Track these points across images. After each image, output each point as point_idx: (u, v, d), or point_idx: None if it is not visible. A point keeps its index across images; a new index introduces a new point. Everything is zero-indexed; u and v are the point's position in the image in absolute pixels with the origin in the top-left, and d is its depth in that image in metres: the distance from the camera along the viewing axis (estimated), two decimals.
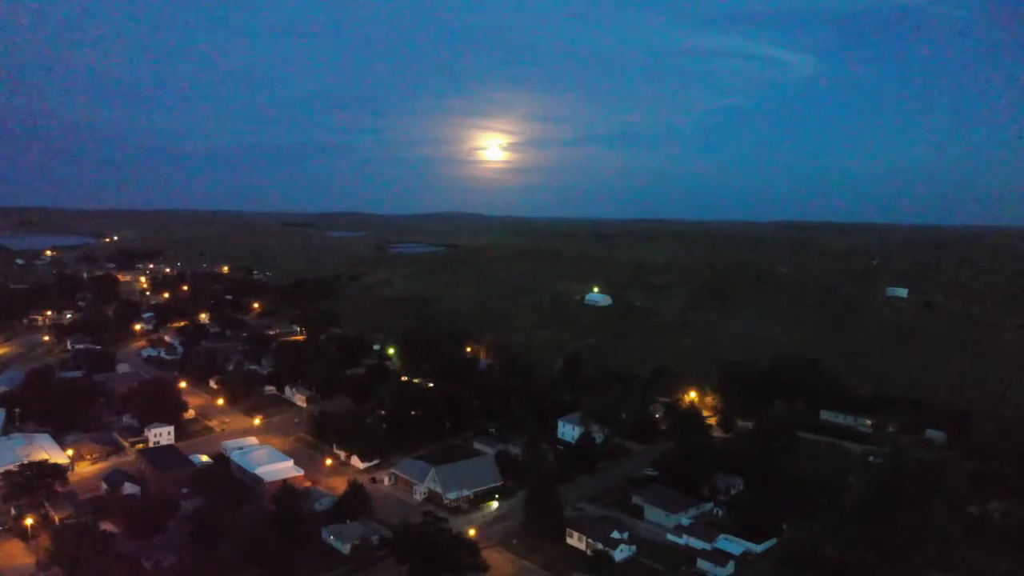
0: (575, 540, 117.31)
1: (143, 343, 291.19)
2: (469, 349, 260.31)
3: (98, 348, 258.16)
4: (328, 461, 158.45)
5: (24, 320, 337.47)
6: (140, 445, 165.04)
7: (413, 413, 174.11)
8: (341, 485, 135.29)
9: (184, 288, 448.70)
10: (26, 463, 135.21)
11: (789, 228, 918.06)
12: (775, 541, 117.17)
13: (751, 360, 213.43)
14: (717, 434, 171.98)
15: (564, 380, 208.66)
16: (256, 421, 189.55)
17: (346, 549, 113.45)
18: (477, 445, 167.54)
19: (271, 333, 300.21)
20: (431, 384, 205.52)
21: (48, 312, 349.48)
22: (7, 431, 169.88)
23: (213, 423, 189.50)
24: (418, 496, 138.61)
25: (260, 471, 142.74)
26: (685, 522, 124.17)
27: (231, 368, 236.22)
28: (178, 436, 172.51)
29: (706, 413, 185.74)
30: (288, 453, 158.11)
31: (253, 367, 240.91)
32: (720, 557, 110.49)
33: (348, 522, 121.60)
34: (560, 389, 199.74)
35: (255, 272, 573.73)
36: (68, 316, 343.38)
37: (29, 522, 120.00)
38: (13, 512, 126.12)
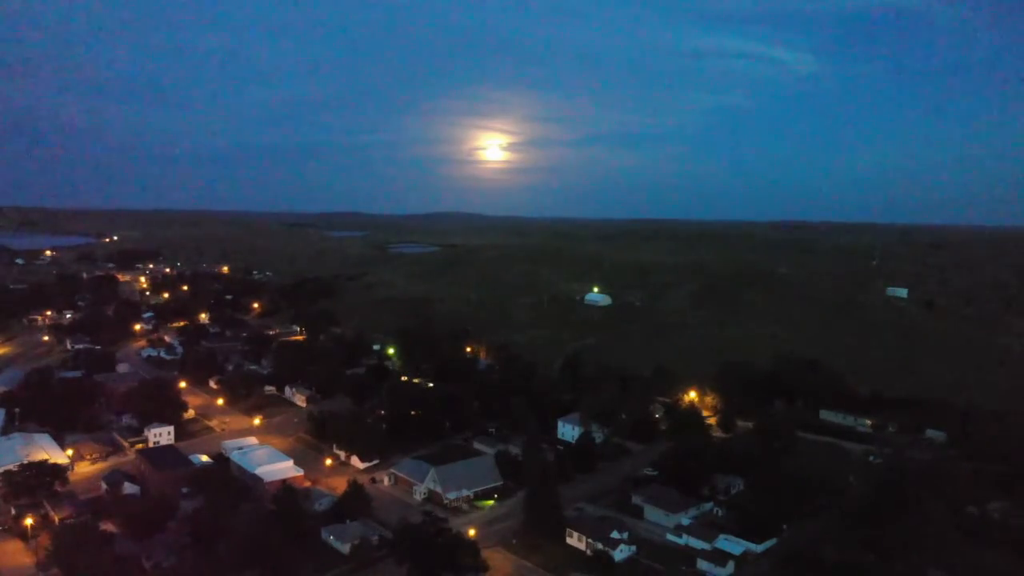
0: (575, 540, 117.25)
1: (143, 343, 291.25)
2: (469, 349, 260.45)
3: (98, 348, 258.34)
4: (328, 461, 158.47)
5: (24, 320, 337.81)
6: (140, 445, 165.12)
7: (413, 413, 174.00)
8: (341, 485, 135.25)
9: (184, 288, 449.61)
10: (26, 463, 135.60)
11: (789, 228, 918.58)
12: (775, 541, 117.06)
13: (751, 360, 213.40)
14: (717, 434, 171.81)
15: (564, 380, 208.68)
16: (256, 421, 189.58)
17: (346, 549, 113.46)
18: (477, 445, 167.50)
19: (271, 333, 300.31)
20: (431, 384, 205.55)
21: (48, 312, 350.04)
22: (7, 431, 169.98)
23: (213, 423, 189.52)
24: (418, 496, 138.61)
25: (260, 471, 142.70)
26: (685, 522, 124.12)
27: (231, 368, 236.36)
28: (178, 436, 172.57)
29: (706, 413, 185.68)
30: (288, 453, 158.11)
31: (253, 367, 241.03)
32: (720, 557, 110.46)
33: (348, 522, 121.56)
34: (560, 389, 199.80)
35: (255, 272, 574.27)
36: (68, 316, 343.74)
37: (29, 522, 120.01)
38: (13, 512, 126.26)
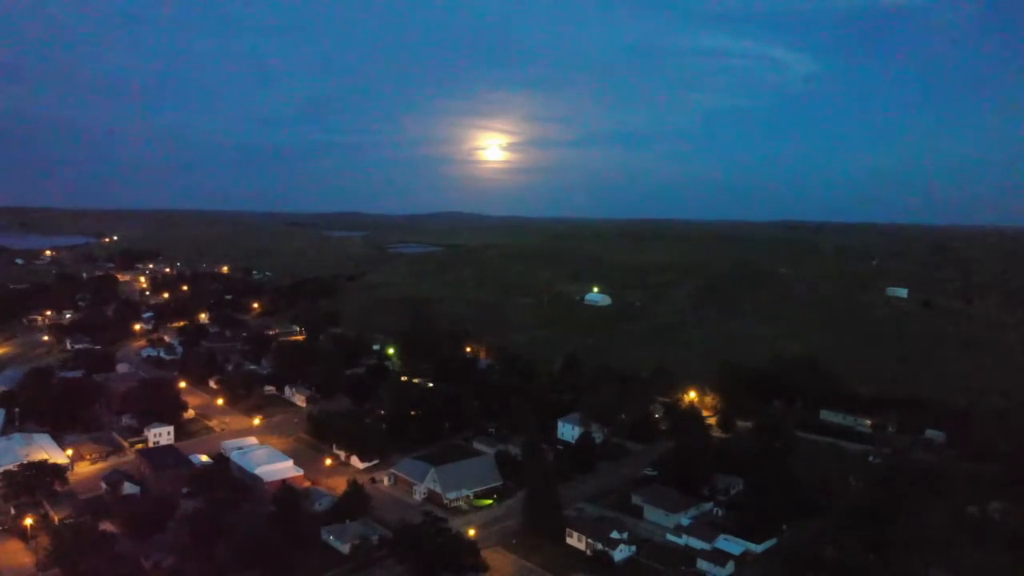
0: (575, 540, 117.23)
1: (143, 343, 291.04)
2: (469, 349, 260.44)
3: (98, 348, 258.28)
4: (328, 461, 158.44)
5: (24, 320, 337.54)
6: (140, 445, 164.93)
7: (413, 413, 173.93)
8: (341, 485, 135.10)
9: (184, 288, 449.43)
10: (26, 463, 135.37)
11: (789, 228, 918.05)
12: (775, 541, 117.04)
13: (751, 360, 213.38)
14: (717, 434, 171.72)
15: (564, 380, 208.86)
16: (256, 421, 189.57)
17: (346, 549, 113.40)
18: (477, 445, 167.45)
19: (271, 333, 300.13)
20: (431, 384, 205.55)
21: (48, 312, 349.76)
22: (7, 431, 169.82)
23: (213, 423, 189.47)
24: (418, 496, 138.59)
25: (260, 471, 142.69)
26: (685, 522, 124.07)
27: (231, 368, 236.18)
28: (178, 436, 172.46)
29: (706, 413, 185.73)
30: (288, 453, 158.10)
31: (253, 367, 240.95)
32: (720, 557, 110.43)
33: (348, 522, 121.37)
34: (560, 389, 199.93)
35: (255, 272, 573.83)
36: (68, 316, 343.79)
37: (29, 522, 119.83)
38: (13, 512, 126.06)
